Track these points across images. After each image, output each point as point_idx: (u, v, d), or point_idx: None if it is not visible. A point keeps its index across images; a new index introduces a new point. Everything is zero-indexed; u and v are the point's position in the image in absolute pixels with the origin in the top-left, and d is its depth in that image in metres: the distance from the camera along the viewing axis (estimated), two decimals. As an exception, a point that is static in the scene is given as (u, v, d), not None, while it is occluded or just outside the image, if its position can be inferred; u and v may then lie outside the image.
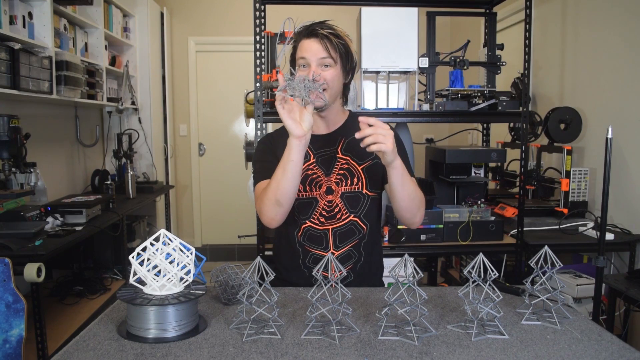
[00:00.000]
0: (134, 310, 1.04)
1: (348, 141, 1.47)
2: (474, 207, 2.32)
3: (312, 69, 1.36)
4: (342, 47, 1.38)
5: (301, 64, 1.39)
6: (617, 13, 2.47)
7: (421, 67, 2.27)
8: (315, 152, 1.47)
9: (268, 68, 2.31)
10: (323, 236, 1.44)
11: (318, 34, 1.36)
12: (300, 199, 1.43)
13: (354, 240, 1.45)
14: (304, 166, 1.43)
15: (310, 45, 1.37)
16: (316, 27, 1.38)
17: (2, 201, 2.15)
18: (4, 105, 2.49)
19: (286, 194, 1.31)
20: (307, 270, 1.45)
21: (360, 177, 1.45)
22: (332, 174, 1.45)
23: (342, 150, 1.47)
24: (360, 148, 1.41)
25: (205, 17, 4.69)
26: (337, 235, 1.44)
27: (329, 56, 1.36)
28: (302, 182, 1.42)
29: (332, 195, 1.44)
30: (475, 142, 3.80)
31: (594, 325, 1.12)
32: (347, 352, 0.98)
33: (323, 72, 1.36)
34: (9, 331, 1.67)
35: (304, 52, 1.37)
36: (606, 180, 1.66)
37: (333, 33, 1.37)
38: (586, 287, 2.17)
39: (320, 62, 1.36)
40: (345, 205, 1.44)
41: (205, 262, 1.27)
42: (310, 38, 1.37)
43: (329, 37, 1.36)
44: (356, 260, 1.46)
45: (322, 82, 1.34)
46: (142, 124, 3.96)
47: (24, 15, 2.37)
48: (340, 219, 1.44)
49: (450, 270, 3.19)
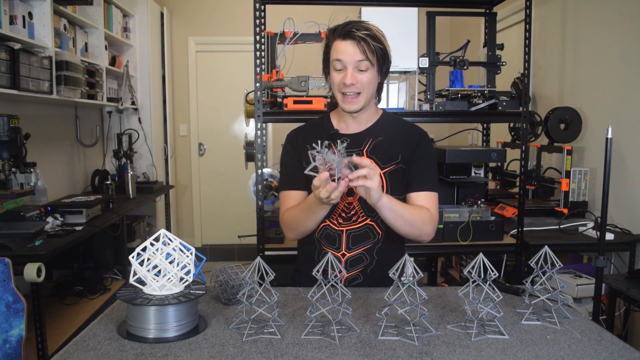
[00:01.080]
0: (134, 310, 1.04)
1: (375, 142, 1.44)
2: (474, 207, 2.32)
3: (349, 72, 1.33)
4: (379, 50, 1.34)
5: (337, 67, 1.35)
6: (617, 13, 2.47)
7: (421, 67, 2.27)
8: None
9: (268, 68, 2.31)
10: (337, 237, 1.43)
11: (355, 36, 1.32)
12: None
13: (367, 244, 1.43)
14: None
15: (346, 48, 1.33)
16: (353, 29, 1.33)
17: (2, 201, 2.15)
18: (4, 105, 2.49)
19: (308, 231, 1.43)
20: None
21: (381, 181, 1.42)
22: None
23: (367, 152, 1.43)
24: (387, 150, 1.41)
25: (205, 17, 4.69)
26: (350, 238, 1.43)
27: (365, 59, 1.32)
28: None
29: (351, 197, 1.42)
30: (475, 142, 3.80)
31: (594, 325, 1.12)
32: (347, 352, 0.98)
33: (359, 75, 1.34)
34: (9, 331, 1.67)
35: (339, 54, 1.34)
36: (606, 180, 1.66)
37: (370, 34, 1.33)
38: (586, 287, 2.17)
39: (356, 65, 1.33)
40: (362, 208, 1.42)
41: (205, 262, 1.27)
42: (346, 40, 1.33)
43: (366, 39, 1.31)
44: (367, 264, 1.43)
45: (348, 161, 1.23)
46: (142, 124, 3.96)
47: (24, 15, 2.37)
48: (356, 222, 1.43)
49: (450, 270, 3.19)
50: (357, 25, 1.35)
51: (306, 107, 2.16)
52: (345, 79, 1.34)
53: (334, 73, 1.37)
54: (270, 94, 2.22)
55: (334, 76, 1.37)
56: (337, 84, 1.37)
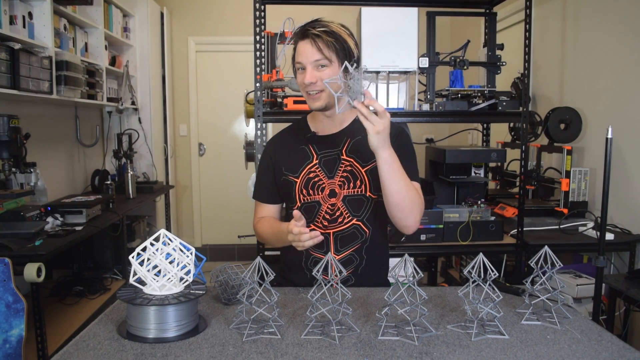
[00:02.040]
0: (134, 310, 1.04)
1: (354, 142, 1.43)
2: (474, 207, 2.32)
3: (308, 71, 1.33)
4: (335, 45, 1.32)
5: (298, 68, 1.37)
6: (617, 13, 2.47)
7: (421, 67, 2.27)
8: (318, 152, 1.44)
9: (268, 68, 2.31)
10: (324, 240, 1.41)
11: (309, 34, 1.32)
12: (303, 203, 1.42)
13: (355, 244, 1.42)
14: (306, 169, 1.42)
15: (304, 48, 1.33)
16: (308, 27, 1.34)
17: (2, 201, 2.15)
18: (4, 105, 2.49)
19: (278, 246, 1.51)
20: (308, 272, 1.43)
21: (363, 179, 1.41)
22: (336, 176, 1.41)
23: (346, 152, 1.42)
24: (366, 149, 1.39)
25: (205, 17, 4.69)
26: (338, 239, 1.42)
27: (323, 57, 1.31)
28: (304, 187, 1.41)
29: (334, 198, 1.41)
30: (475, 142, 3.80)
31: (594, 325, 1.12)
32: (347, 352, 0.98)
33: (319, 73, 1.33)
34: (9, 331, 1.67)
35: (298, 55, 1.35)
36: (606, 180, 1.66)
37: (325, 31, 1.32)
38: (586, 287, 2.17)
39: (314, 64, 1.33)
40: (347, 209, 1.41)
41: (205, 262, 1.27)
42: (303, 40, 1.34)
43: (321, 35, 1.31)
44: (357, 264, 1.43)
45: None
46: (142, 124, 3.96)
47: (24, 15, 2.37)
48: (342, 223, 1.41)
49: (450, 270, 3.19)
50: (313, 24, 1.35)
51: (306, 107, 2.13)
52: (304, 79, 1.34)
53: (297, 75, 1.38)
54: (270, 94, 2.23)
55: (298, 77, 1.38)
56: (301, 84, 1.37)
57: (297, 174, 1.44)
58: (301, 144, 1.47)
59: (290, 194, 1.44)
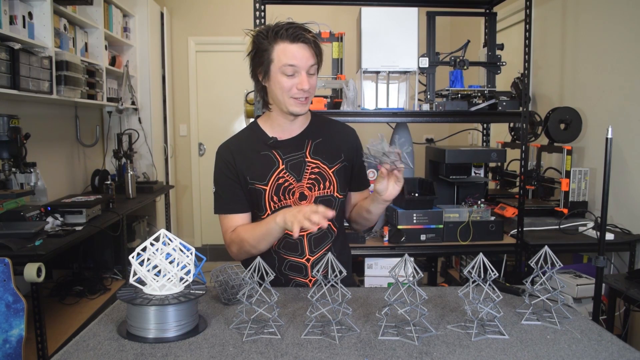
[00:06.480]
0: (134, 310, 1.04)
1: (315, 144, 1.43)
2: (474, 207, 2.32)
3: (303, 76, 1.30)
4: (320, 52, 1.34)
5: (287, 72, 1.30)
6: (617, 13, 2.47)
7: (421, 67, 2.27)
8: (283, 157, 1.41)
9: (268, 68, 2.30)
10: (298, 243, 1.41)
11: (307, 38, 1.30)
12: (274, 210, 1.39)
13: (327, 243, 1.44)
14: (274, 175, 1.39)
15: (300, 52, 1.29)
16: (301, 31, 1.30)
17: (2, 201, 2.15)
18: (4, 105, 2.48)
19: (258, 253, 1.34)
20: (283, 277, 1.42)
21: (331, 180, 1.42)
22: (304, 179, 1.40)
23: (310, 154, 1.42)
24: (329, 150, 1.43)
25: (205, 17, 4.69)
26: (312, 241, 1.42)
27: (315, 63, 1.32)
28: (275, 193, 1.39)
29: (305, 201, 1.40)
30: (475, 142, 3.80)
31: (594, 325, 1.12)
32: (347, 352, 0.98)
33: (310, 79, 1.32)
34: (9, 331, 1.67)
35: (292, 58, 1.29)
36: (606, 180, 1.66)
37: (314, 37, 1.32)
38: (586, 287, 2.17)
39: (309, 69, 1.31)
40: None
41: (205, 262, 1.27)
42: (297, 43, 1.29)
43: (315, 42, 1.31)
44: None
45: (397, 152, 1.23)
46: (142, 124, 3.96)
47: (24, 15, 2.37)
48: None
49: (450, 270, 3.19)
50: (301, 28, 1.32)
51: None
52: (302, 85, 1.30)
53: (283, 78, 1.31)
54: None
55: (284, 81, 1.31)
56: (288, 88, 1.31)
57: (265, 182, 1.39)
58: (263, 150, 1.42)
59: (259, 203, 1.40)
